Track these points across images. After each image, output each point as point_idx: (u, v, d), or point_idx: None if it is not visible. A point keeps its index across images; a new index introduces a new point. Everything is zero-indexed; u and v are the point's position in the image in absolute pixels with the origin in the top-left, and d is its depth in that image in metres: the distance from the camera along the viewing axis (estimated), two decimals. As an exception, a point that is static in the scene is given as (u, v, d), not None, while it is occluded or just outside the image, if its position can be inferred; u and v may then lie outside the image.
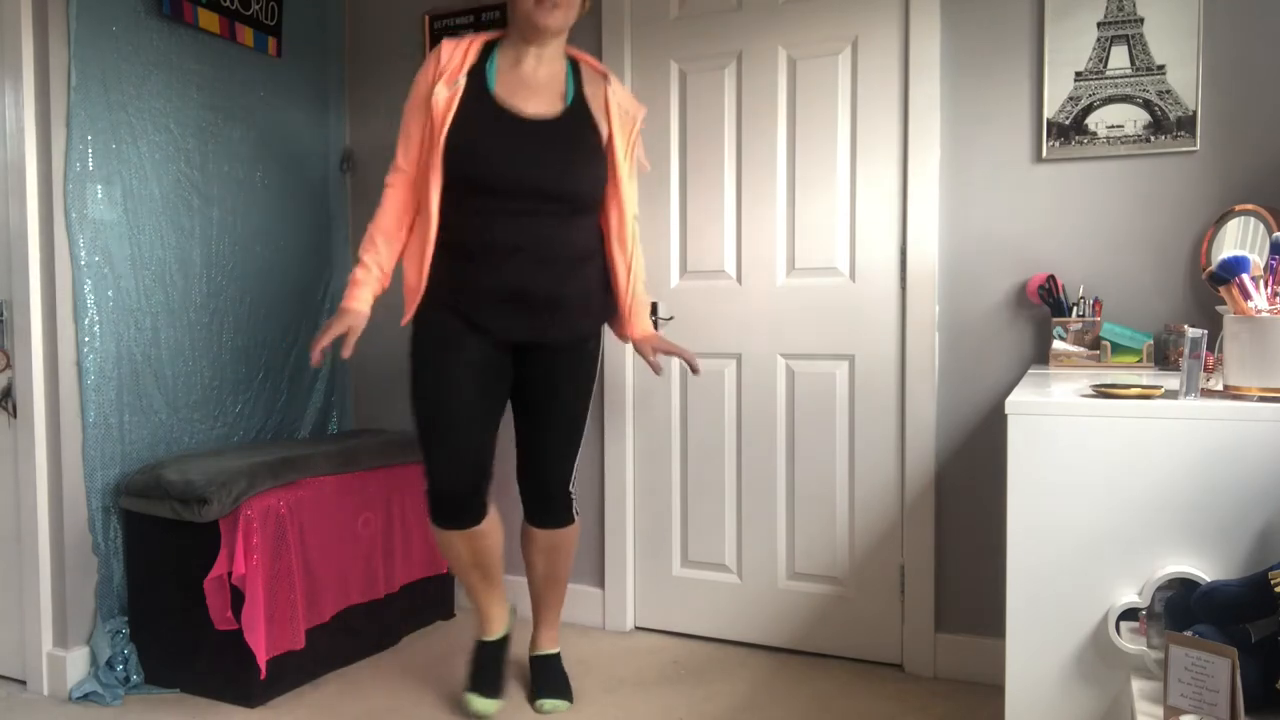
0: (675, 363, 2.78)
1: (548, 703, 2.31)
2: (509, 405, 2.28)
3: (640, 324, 2.31)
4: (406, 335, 3.20)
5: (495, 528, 2.26)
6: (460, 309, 2.12)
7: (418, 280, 2.13)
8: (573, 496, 2.32)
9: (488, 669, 2.34)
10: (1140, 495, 1.49)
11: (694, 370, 2.29)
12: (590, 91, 2.19)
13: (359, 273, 2.13)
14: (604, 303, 2.27)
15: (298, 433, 3.10)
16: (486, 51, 2.15)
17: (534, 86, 2.13)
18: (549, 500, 2.29)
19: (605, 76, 2.22)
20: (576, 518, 2.35)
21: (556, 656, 2.43)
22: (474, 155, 2.06)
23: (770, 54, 2.65)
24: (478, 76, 2.11)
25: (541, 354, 2.20)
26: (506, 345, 2.18)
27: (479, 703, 2.27)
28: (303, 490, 2.45)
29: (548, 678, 2.37)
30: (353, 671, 2.57)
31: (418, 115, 2.12)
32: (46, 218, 2.37)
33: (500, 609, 2.37)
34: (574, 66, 2.21)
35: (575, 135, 2.14)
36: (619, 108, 2.19)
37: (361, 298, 2.12)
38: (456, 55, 2.11)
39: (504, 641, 2.39)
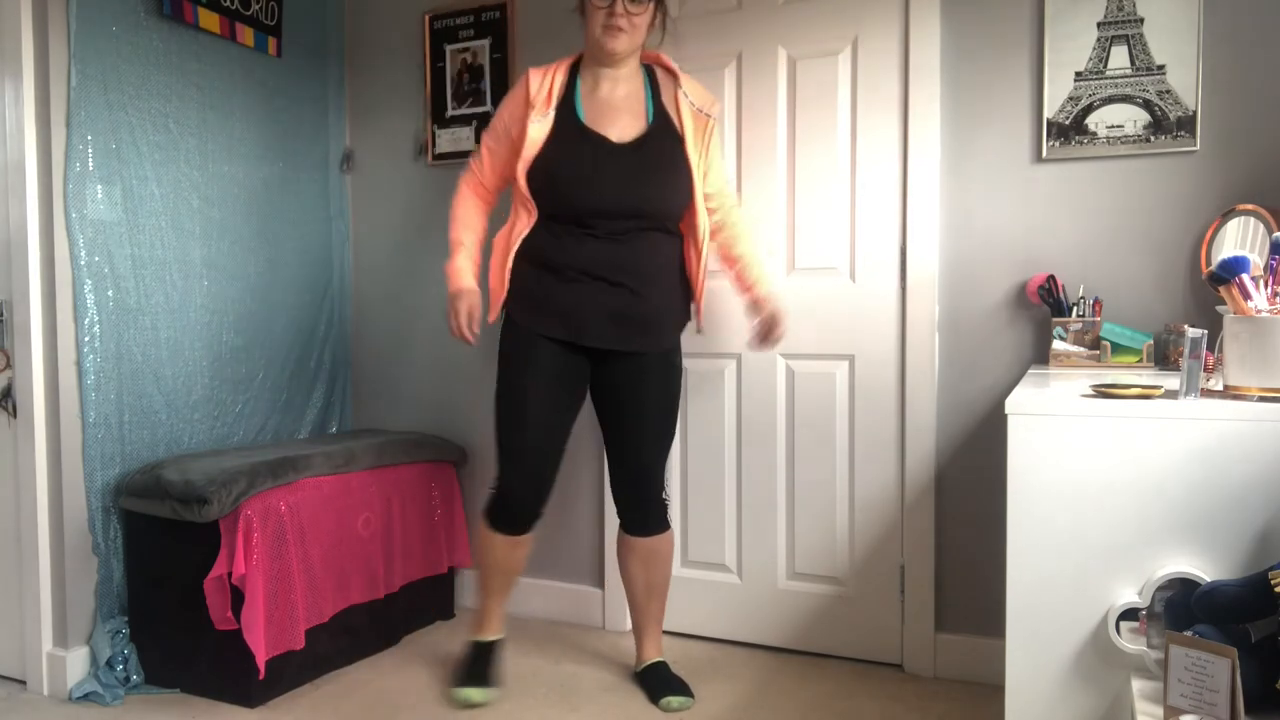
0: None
1: (674, 699, 2.31)
2: (598, 419, 2.37)
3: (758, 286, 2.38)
4: (404, 338, 3.22)
5: (532, 538, 2.38)
6: (543, 318, 2.19)
7: (500, 284, 2.22)
8: (666, 503, 2.40)
9: (480, 663, 2.39)
10: (1140, 495, 1.49)
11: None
12: (667, 100, 2.23)
13: (459, 258, 2.28)
14: (685, 312, 2.35)
15: (298, 433, 3.10)
16: (571, 76, 2.21)
17: (616, 109, 2.18)
18: (646, 506, 2.36)
19: (675, 76, 2.26)
20: (670, 525, 2.42)
21: (665, 663, 2.45)
22: (565, 186, 2.13)
23: (770, 54, 2.65)
24: (567, 104, 2.17)
25: (626, 364, 2.25)
26: (587, 354, 2.25)
27: (471, 692, 2.31)
28: (303, 490, 2.45)
29: (665, 680, 2.38)
30: (353, 671, 2.57)
31: (504, 139, 2.22)
32: (46, 218, 2.37)
33: (502, 613, 2.46)
34: (650, 76, 2.25)
35: (660, 154, 2.18)
36: (691, 108, 2.23)
37: (468, 276, 2.26)
38: (545, 85, 2.17)
39: (499, 644, 2.45)
